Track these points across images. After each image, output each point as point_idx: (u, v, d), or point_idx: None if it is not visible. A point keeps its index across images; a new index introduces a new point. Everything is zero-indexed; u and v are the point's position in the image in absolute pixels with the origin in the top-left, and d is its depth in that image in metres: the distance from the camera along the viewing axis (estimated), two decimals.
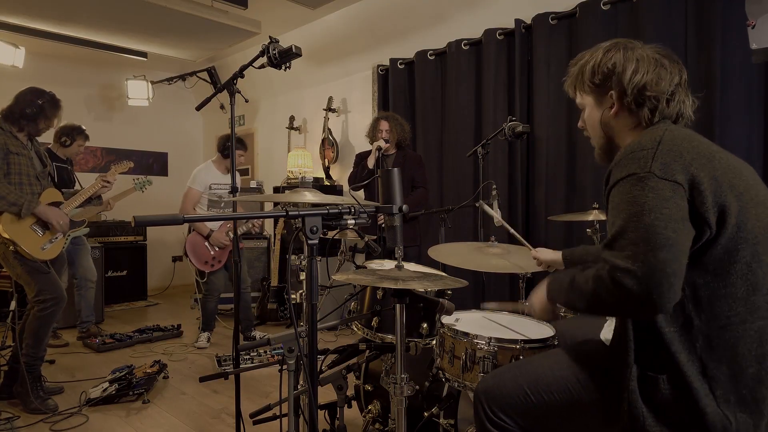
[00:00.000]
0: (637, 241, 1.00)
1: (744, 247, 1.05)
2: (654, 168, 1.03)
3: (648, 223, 1.00)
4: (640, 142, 1.10)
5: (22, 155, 2.72)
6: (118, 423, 2.57)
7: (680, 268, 0.99)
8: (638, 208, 1.02)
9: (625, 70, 1.20)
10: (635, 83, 1.18)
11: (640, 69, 1.19)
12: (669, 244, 0.98)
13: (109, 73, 5.95)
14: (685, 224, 1.01)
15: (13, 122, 2.73)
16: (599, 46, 1.27)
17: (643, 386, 1.08)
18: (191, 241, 3.85)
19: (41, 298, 2.70)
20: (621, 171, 1.08)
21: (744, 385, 1.05)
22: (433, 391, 1.86)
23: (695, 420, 1.04)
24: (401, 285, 1.44)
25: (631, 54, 1.21)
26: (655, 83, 1.18)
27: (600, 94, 1.26)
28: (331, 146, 5.01)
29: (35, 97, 2.78)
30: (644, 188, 1.02)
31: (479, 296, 3.22)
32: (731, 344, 1.05)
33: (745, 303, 1.05)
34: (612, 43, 1.25)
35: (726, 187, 1.05)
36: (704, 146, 1.12)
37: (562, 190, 3.35)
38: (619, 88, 1.21)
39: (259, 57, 2.06)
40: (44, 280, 2.73)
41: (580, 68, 1.29)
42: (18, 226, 2.65)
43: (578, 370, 1.22)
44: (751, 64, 2.63)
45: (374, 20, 4.46)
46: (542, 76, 3.40)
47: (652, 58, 1.20)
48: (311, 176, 4.98)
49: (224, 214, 3.54)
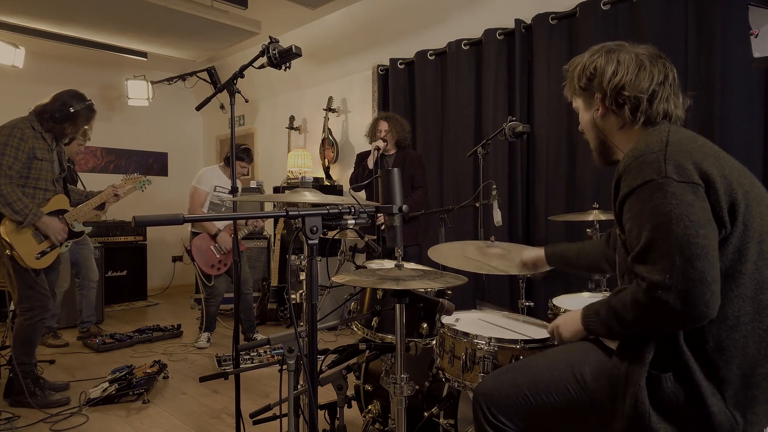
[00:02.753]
0: (671, 253, 0.99)
1: (751, 245, 1.05)
2: (670, 172, 1.02)
3: (679, 234, 0.99)
4: (647, 145, 1.09)
5: (45, 160, 2.73)
6: (118, 423, 2.57)
7: (717, 272, 0.99)
8: (664, 217, 1.00)
9: (605, 72, 1.22)
10: (613, 84, 1.20)
11: (619, 70, 1.20)
12: (704, 253, 0.97)
13: (109, 73, 5.95)
14: (712, 226, 1.01)
15: (42, 122, 2.73)
16: (590, 49, 1.30)
17: (648, 385, 1.07)
18: (197, 245, 3.82)
19: (26, 306, 2.69)
20: (635, 178, 1.07)
21: (755, 385, 1.05)
22: (433, 391, 1.86)
23: (702, 420, 1.03)
24: (402, 285, 1.44)
25: (613, 56, 1.23)
26: (632, 83, 1.19)
27: (588, 97, 1.29)
28: (331, 146, 5.01)
29: (71, 102, 2.77)
30: (666, 195, 1.01)
31: (479, 296, 3.22)
32: (741, 344, 1.04)
33: (753, 302, 1.05)
34: (600, 46, 1.28)
35: (735, 185, 1.05)
36: (708, 145, 1.12)
37: (562, 190, 3.35)
38: (601, 90, 1.23)
39: (259, 57, 2.06)
40: (30, 290, 2.70)
41: (571, 73, 1.32)
42: (19, 232, 2.65)
43: (577, 370, 1.22)
44: (751, 64, 2.63)
45: (374, 20, 4.46)
46: (542, 76, 3.40)
47: (633, 58, 1.21)
48: (311, 176, 4.98)
49: (224, 214, 3.54)
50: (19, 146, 2.62)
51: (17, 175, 2.63)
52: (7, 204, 2.58)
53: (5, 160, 2.57)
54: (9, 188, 2.58)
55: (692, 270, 0.97)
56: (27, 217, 2.63)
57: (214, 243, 3.84)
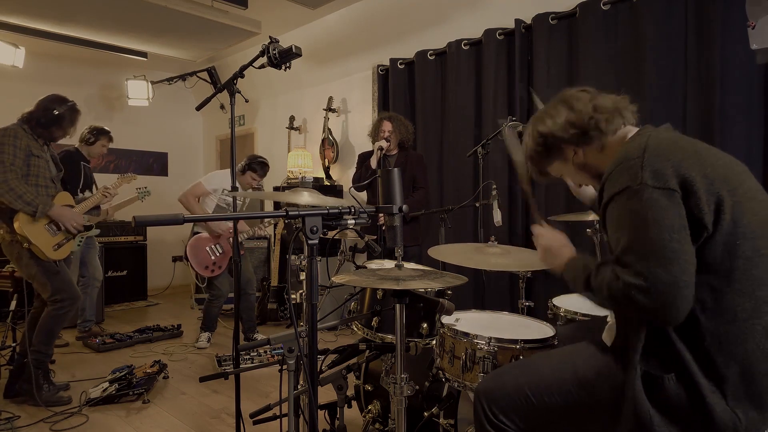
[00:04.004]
0: (645, 256, 1.02)
1: (743, 242, 1.05)
2: (646, 178, 1.05)
3: (652, 237, 1.02)
4: (626, 152, 1.13)
5: (41, 158, 2.79)
6: (118, 423, 2.57)
7: (690, 277, 1.01)
8: (639, 222, 1.04)
9: (550, 129, 1.30)
10: (563, 127, 1.28)
11: (558, 120, 1.29)
12: (676, 257, 1.00)
13: (109, 73, 5.95)
14: (687, 231, 1.03)
15: (31, 128, 2.79)
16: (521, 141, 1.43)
17: (649, 386, 1.07)
18: (192, 246, 3.79)
19: (58, 297, 2.76)
20: (614, 185, 1.10)
21: (755, 383, 1.05)
22: (433, 391, 1.86)
23: (704, 419, 1.04)
24: (401, 285, 1.44)
25: (541, 115, 1.34)
26: (577, 118, 1.27)
27: (559, 154, 1.34)
28: (331, 146, 5.01)
29: (53, 106, 2.82)
30: (641, 201, 1.04)
31: (479, 296, 3.23)
32: (741, 341, 1.04)
33: (750, 298, 1.05)
34: (526, 125, 1.40)
35: (719, 183, 1.06)
36: (690, 145, 1.13)
37: (562, 190, 3.34)
38: (560, 141, 1.30)
39: (259, 57, 2.06)
40: (59, 280, 2.79)
41: (528, 159, 1.41)
42: (33, 225, 2.70)
43: (580, 373, 1.21)
44: (751, 64, 2.62)
45: (374, 20, 4.46)
46: (542, 76, 3.40)
47: (553, 105, 1.33)
48: (311, 176, 4.98)
49: (224, 214, 3.54)
50: (16, 143, 2.66)
51: (19, 172, 2.67)
52: (18, 197, 2.62)
53: (6, 157, 2.61)
54: (16, 182, 2.63)
55: (666, 274, 0.99)
56: (39, 207, 2.67)
57: (210, 244, 3.82)
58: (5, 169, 2.59)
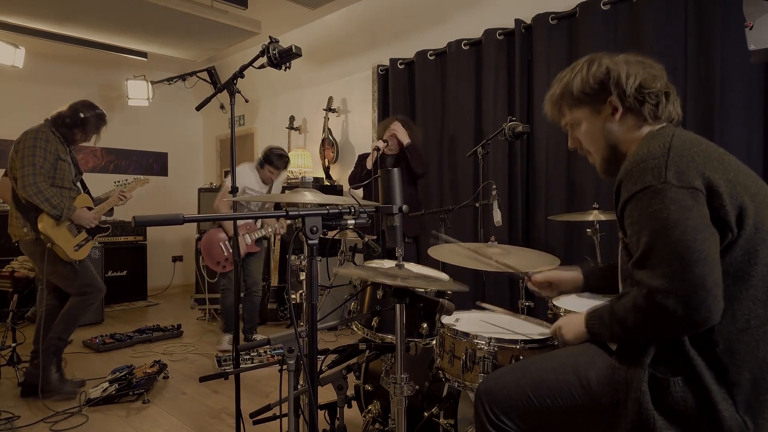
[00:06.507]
0: (670, 259, 0.98)
1: (763, 248, 1.04)
2: (669, 177, 1.02)
3: (677, 238, 0.98)
4: (649, 151, 1.08)
5: (66, 161, 2.89)
6: (118, 423, 2.57)
7: (719, 277, 0.98)
8: (662, 222, 1.00)
9: (620, 72, 1.21)
10: (633, 83, 1.20)
11: (632, 71, 1.21)
12: (703, 257, 0.97)
13: (109, 73, 5.95)
14: (711, 231, 1.00)
15: (57, 127, 2.88)
16: (576, 63, 1.30)
17: (654, 389, 1.06)
18: (207, 240, 3.74)
19: (87, 290, 2.92)
20: (635, 184, 1.06)
21: (767, 390, 1.03)
22: (433, 391, 1.86)
23: (711, 425, 1.02)
24: (401, 282, 1.44)
25: (617, 59, 1.24)
26: (651, 82, 1.20)
27: (597, 103, 1.26)
28: (331, 146, 5.01)
29: (81, 109, 2.92)
30: (664, 200, 1.01)
31: (479, 296, 3.22)
32: (752, 348, 1.03)
33: (764, 305, 1.04)
34: (588, 57, 1.29)
35: (740, 189, 1.04)
36: (713, 149, 1.11)
37: (562, 190, 3.34)
38: (618, 89, 1.21)
39: (259, 57, 2.06)
40: (85, 274, 2.92)
41: (563, 87, 1.30)
42: (56, 227, 2.79)
43: (582, 374, 1.20)
44: (751, 64, 2.63)
45: (374, 20, 4.46)
46: (542, 76, 3.39)
47: (634, 61, 1.23)
48: (311, 176, 4.98)
49: (226, 214, 3.54)
50: (46, 147, 2.78)
51: (47, 175, 2.77)
52: (46, 200, 2.72)
53: (37, 160, 2.72)
54: (45, 185, 2.73)
55: (691, 275, 0.96)
56: (63, 211, 2.77)
57: (225, 240, 3.74)
58: (35, 171, 2.70)
